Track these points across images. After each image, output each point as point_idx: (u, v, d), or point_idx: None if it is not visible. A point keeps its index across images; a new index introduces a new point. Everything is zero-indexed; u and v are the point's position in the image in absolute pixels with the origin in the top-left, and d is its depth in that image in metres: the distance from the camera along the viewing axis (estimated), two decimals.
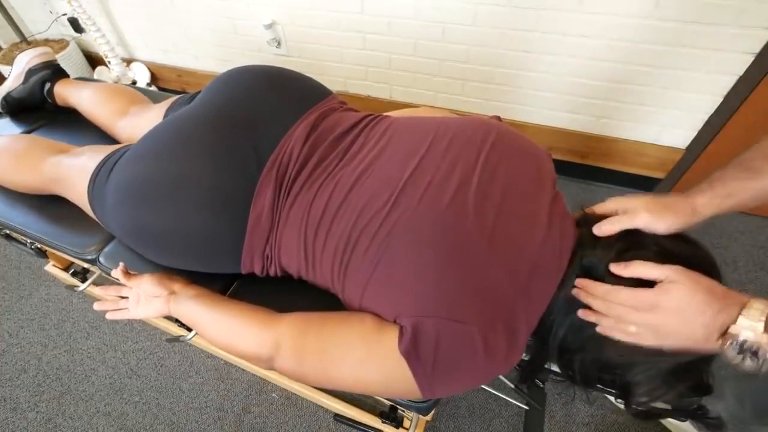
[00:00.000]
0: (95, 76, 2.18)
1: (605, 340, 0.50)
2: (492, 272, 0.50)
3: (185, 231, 0.64)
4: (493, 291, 0.50)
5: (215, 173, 0.62)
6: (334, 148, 0.65)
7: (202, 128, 0.66)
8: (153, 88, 2.21)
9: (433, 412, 0.77)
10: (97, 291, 0.74)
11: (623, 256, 0.51)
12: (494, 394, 1.15)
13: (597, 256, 0.53)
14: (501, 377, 1.00)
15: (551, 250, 0.54)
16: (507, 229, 0.53)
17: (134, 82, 2.21)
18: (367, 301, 0.56)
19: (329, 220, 0.58)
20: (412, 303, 0.51)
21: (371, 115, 0.71)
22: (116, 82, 2.12)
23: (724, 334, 0.44)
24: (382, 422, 1.00)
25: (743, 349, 0.43)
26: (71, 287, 1.16)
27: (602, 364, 0.53)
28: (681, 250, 0.51)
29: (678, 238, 0.53)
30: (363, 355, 0.52)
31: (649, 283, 0.47)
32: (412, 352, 0.49)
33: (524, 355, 0.54)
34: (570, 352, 0.55)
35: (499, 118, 0.75)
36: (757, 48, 1.16)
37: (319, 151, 0.64)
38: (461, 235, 0.52)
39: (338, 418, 1.08)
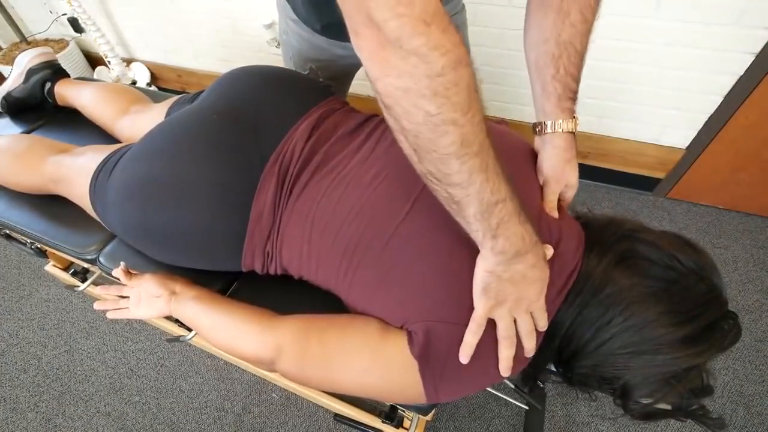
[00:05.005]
0: (95, 76, 2.18)
1: (604, 344, 0.50)
2: None
3: (187, 228, 0.64)
4: None
5: (218, 171, 0.62)
6: (343, 147, 0.64)
7: (204, 127, 0.66)
8: (153, 88, 2.21)
9: (433, 412, 0.76)
10: (97, 291, 0.74)
11: (624, 262, 0.51)
12: (494, 394, 1.15)
13: (592, 264, 0.53)
14: None
15: (560, 261, 0.53)
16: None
17: (134, 82, 2.21)
18: (374, 304, 0.55)
19: (339, 220, 0.57)
20: (426, 308, 0.51)
21: (377, 115, 0.71)
22: (116, 82, 2.12)
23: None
24: (382, 422, 0.99)
25: None
26: (71, 287, 1.16)
27: (600, 366, 0.53)
28: (682, 254, 0.51)
29: (677, 241, 0.53)
30: (367, 361, 0.52)
31: None
32: (423, 357, 0.49)
33: None
34: (568, 355, 0.54)
35: (506, 123, 0.75)
36: (757, 48, 1.16)
37: (323, 149, 0.64)
38: None
39: (338, 418, 1.07)
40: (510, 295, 0.47)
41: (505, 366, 0.50)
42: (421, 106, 0.36)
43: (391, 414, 0.98)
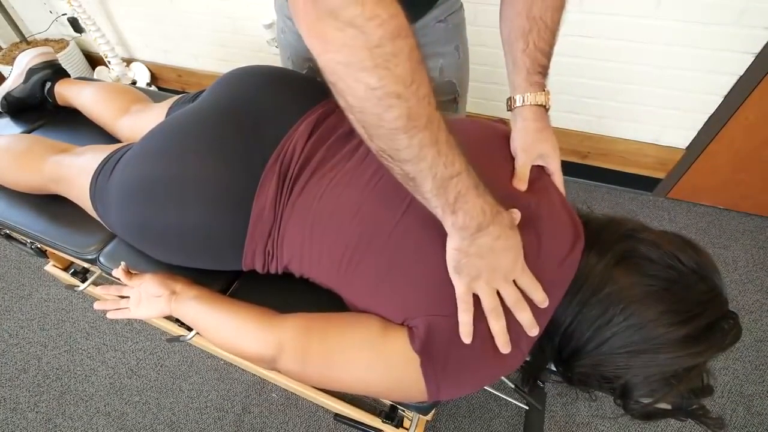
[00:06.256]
0: (95, 76, 2.18)
1: (604, 343, 0.50)
2: None
3: (188, 228, 0.64)
4: None
5: (219, 171, 0.63)
6: (342, 146, 0.65)
7: (205, 126, 0.66)
8: (153, 88, 2.21)
9: (433, 411, 0.77)
10: (97, 291, 0.74)
11: (625, 262, 0.51)
12: (494, 394, 1.15)
13: (591, 263, 0.53)
14: (502, 377, 1.01)
15: (562, 262, 0.53)
16: (524, 238, 0.53)
17: (134, 82, 2.21)
18: (375, 302, 0.56)
19: (339, 219, 0.58)
20: (426, 303, 0.51)
21: None
22: (116, 82, 2.12)
23: None
24: (382, 422, 1.00)
25: None
26: (71, 287, 1.16)
27: (600, 366, 0.53)
28: (682, 254, 0.51)
29: (678, 240, 0.53)
30: (368, 358, 0.52)
31: None
32: (425, 351, 0.49)
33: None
34: (568, 354, 0.55)
35: (503, 122, 0.75)
36: (757, 48, 1.16)
37: (324, 148, 0.64)
38: None
39: (338, 418, 1.08)
40: (482, 269, 0.47)
41: (502, 341, 0.49)
42: (362, 79, 0.35)
43: (391, 414, 0.99)
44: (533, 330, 0.50)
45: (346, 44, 0.34)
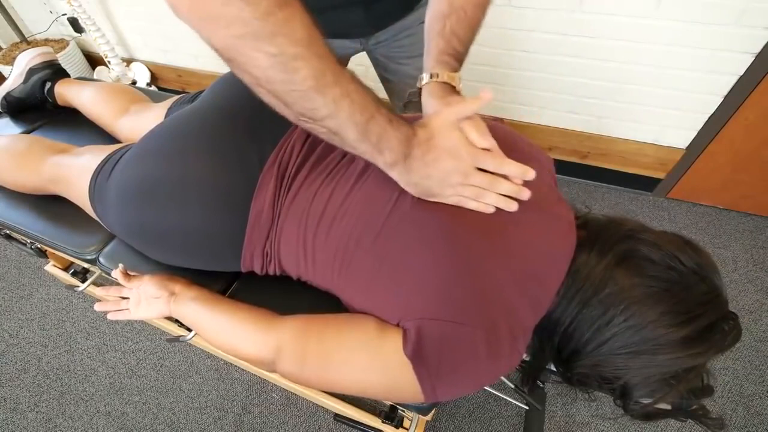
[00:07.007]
0: (95, 76, 2.18)
1: (604, 344, 0.50)
2: (498, 276, 0.50)
3: (188, 228, 0.64)
4: (498, 295, 0.49)
5: (218, 172, 0.63)
6: (335, 146, 0.65)
7: (205, 127, 0.66)
8: (153, 88, 2.21)
9: (433, 412, 0.77)
10: (98, 291, 0.74)
11: (625, 262, 0.51)
12: (494, 394, 1.15)
13: (592, 263, 0.53)
14: (501, 377, 1.01)
15: (554, 257, 0.53)
16: (514, 235, 0.53)
17: (134, 82, 2.21)
18: (369, 302, 0.55)
19: (331, 217, 0.58)
20: (417, 305, 0.50)
21: None
22: (116, 82, 2.12)
23: None
24: (382, 422, 1.00)
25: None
26: (71, 287, 1.16)
27: (600, 366, 0.53)
28: (683, 254, 0.51)
29: (678, 241, 0.53)
30: (365, 360, 0.51)
31: None
32: (416, 355, 0.49)
33: (525, 355, 0.54)
34: (568, 355, 0.54)
35: (501, 121, 0.75)
36: (757, 48, 1.16)
37: (319, 149, 0.64)
38: (467, 236, 0.51)
39: (338, 418, 1.08)
40: (438, 184, 0.50)
41: (504, 205, 0.51)
42: (262, 48, 0.37)
43: (391, 414, 0.99)
44: (528, 174, 0.51)
45: (235, 17, 0.35)
